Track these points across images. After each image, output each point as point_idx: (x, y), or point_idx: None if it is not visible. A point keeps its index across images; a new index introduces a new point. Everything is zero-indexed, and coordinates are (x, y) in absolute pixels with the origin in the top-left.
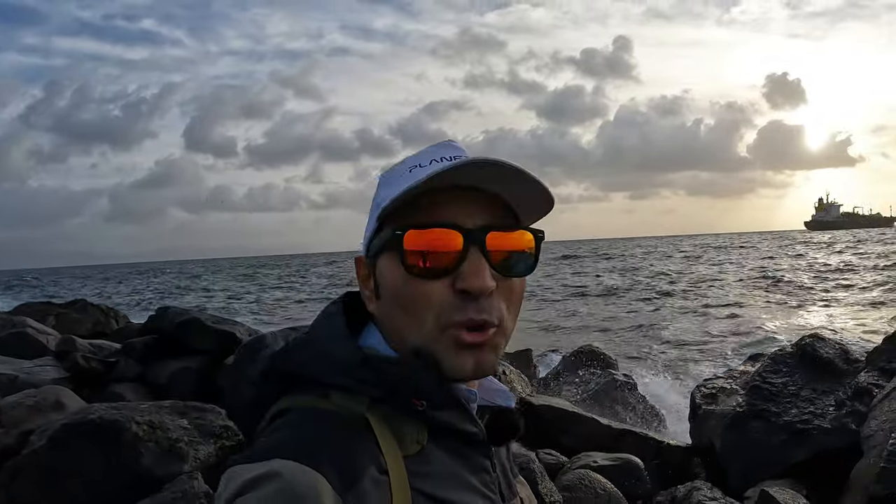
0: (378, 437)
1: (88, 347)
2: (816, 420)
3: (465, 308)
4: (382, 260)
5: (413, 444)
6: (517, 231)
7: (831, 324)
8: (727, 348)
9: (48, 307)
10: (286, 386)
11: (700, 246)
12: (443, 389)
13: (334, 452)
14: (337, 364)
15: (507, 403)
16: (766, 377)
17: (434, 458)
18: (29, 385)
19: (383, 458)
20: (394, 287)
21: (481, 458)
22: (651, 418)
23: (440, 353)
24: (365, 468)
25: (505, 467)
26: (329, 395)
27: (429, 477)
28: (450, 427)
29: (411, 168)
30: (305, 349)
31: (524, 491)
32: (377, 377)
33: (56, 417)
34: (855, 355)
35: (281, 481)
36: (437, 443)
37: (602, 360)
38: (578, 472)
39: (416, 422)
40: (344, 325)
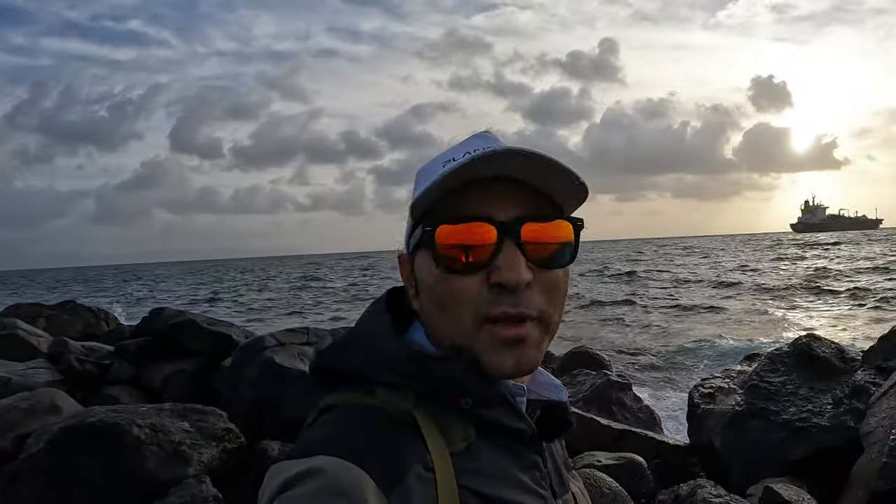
0: (424, 434)
1: (81, 349)
2: (815, 418)
3: (502, 302)
4: (419, 257)
5: (460, 442)
6: (554, 221)
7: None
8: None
9: (38, 308)
10: (333, 383)
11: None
12: (487, 387)
13: (379, 449)
14: (382, 360)
15: (558, 397)
16: (765, 376)
17: (482, 455)
18: (22, 388)
19: (429, 455)
20: (429, 284)
21: (531, 455)
22: (647, 418)
23: (479, 350)
24: (410, 465)
25: (557, 462)
26: (375, 391)
27: (477, 474)
28: (497, 424)
29: (445, 163)
30: (351, 345)
31: (577, 485)
32: (423, 374)
33: (52, 420)
34: (851, 354)
35: (324, 477)
36: (486, 439)
37: (596, 360)
38: (583, 472)
39: (463, 419)
40: (389, 322)
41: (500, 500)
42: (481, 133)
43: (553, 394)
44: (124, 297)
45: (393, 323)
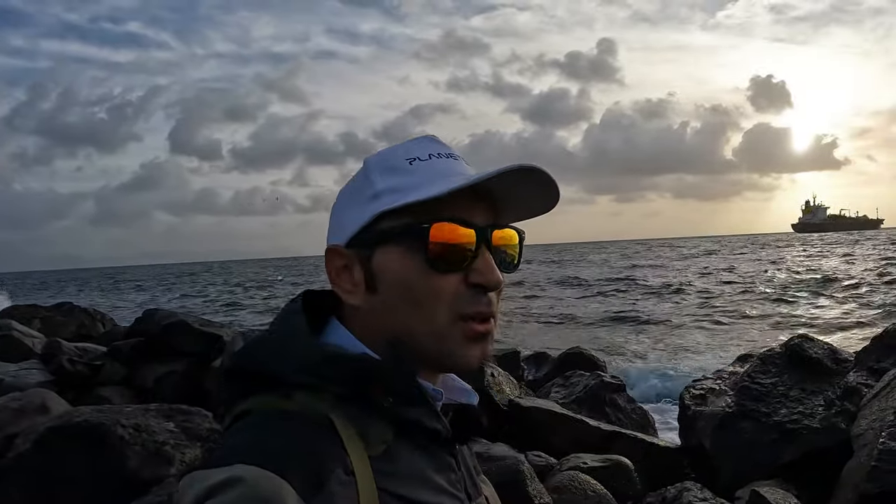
0: (343, 437)
1: (74, 350)
2: (806, 420)
3: (477, 301)
4: (387, 251)
5: (379, 444)
6: (508, 229)
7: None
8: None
9: (34, 310)
10: (249, 386)
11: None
12: (412, 384)
13: (298, 455)
14: (299, 362)
15: (469, 401)
16: (756, 377)
17: (400, 458)
18: (14, 388)
19: (349, 458)
20: (404, 279)
21: (447, 457)
22: (640, 419)
23: (450, 345)
24: (331, 470)
25: (469, 465)
26: (292, 394)
27: (395, 476)
28: (416, 424)
29: (410, 160)
30: (266, 348)
31: (488, 489)
32: (341, 374)
33: (41, 420)
34: (843, 355)
35: (243, 487)
36: (403, 441)
37: (590, 361)
38: (568, 474)
39: (382, 421)
40: (305, 323)
41: (419, 502)
42: (431, 136)
43: (464, 398)
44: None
45: (308, 324)
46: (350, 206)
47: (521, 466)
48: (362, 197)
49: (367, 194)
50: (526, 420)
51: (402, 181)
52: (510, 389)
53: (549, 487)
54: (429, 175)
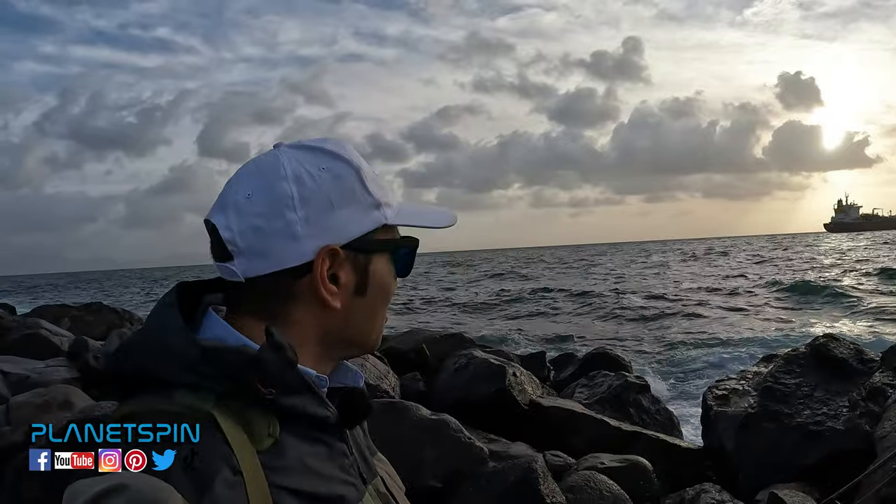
0: (227, 435)
1: (100, 348)
2: (829, 421)
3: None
4: (380, 260)
5: (266, 438)
6: None
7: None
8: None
9: (64, 310)
10: (127, 388)
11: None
12: (294, 372)
13: (182, 457)
14: (176, 360)
15: (356, 383)
16: (779, 378)
17: (289, 450)
18: (39, 385)
19: (235, 457)
20: (387, 285)
21: (337, 443)
22: (664, 420)
23: (379, 334)
24: (217, 471)
25: (361, 448)
26: (172, 394)
27: (286, 470)
28: (301, 413)
29: (374, 173)
30: (142, 346)
31: (385, 468)
32: (220, 370)
33: (64, 416)
34: (870, 355)
35: (128, 495)
36: (291, 433)
37: (615, 362)
38: (584, 474)
39: (267, 413)
40: (179, 317)
41: (313, 494)
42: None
43: (350, 380)
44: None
45: (185, 318)
46: (344, 207)
47: (535, 465)
48: (362, 202)
49: (369, 202)
50: (546, 419)
51: (388, 197)
52: (532, 389)
53: (564, 487)
54: (388, 194)
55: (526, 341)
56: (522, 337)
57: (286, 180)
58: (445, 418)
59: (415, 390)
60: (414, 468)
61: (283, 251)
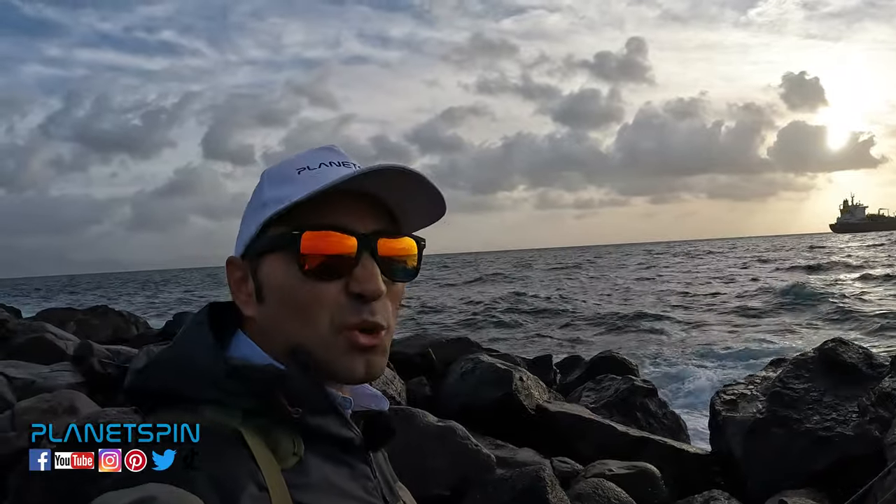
0: (254, 451)
1: (106, 353)
2: (839, 427)
3: (359, 310)
4: (270, 260)
5: (290, 456)
6: (403, 238)
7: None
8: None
9: (69, 313)
10: (153, 404)
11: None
12: (320, 393)
13: (209, 472)
14: (204, 377)
15: (380, 407)
16: (788, 383)
17: (313, 469)
18: (44, 390)
19: (261, 473)
20: (285, 287)
21: (361, 465)
22: (672, 424)
23: (333, 355)
24: (244, 487)
25: (384, 472)
26: (199, 410)
27: (310, 488)
28: (326, 434)
29: (299, 170)
30: (170, 363)
31: (406, 495)
32: (247, 388)
33: (69, 421)
34: (879, 360)
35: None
36: (315, 452)
37: (622, 365)
38: (592, 481)
39: (292, 432)
40: (209, 335)
41: None
42: (329, 146)
43: (375, 404)
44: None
45: (215, 337)
46: (247, 217)
47: (543, 473)
48: (254, 207)
49: (256, 205)
50: (553, 425)
51: (286, 191)
52: (539, 394)
53: (572, 495)
54: (310, 183)
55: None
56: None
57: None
58: (452, 425)
59: (421, 395)
60: (421, 476)
61: None
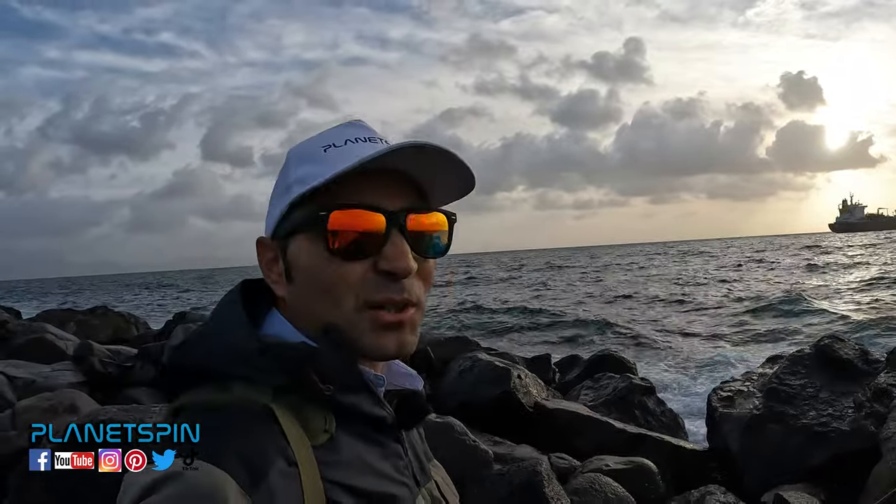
0: (284, 427)
1: (106, 352)
2: (835, 422)
3: (387, 288)
4: (297, 241)
5: (321, 433)
6: (433, 213)
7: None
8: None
9: (69, 314)
10: (187, 381)
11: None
12: (352, 371)
13: (238, 447)
14: (236, 354)
15: (414, 386)
16: (784, 379)
17: (344, 446)
18: (46, 389)
19: (291, 449)
20: (312, 268)
21: (392, 443)
22: (670, 422)
23: (360, 333)
24: (272, 462)
25: (417, 451)
26: (231, 387)
27: (340, 466)
28: (358, 412)
29: (325, 147)
30: (204, 341)
31: (439, 473)
32: (279, 365)
33: (70, 420)
34: (874, 356)
35: (183, 482)
36: (347, 430)
37: (620, 364)
38: (589, 476)
39: (324, 409)
40: (242, 313)
41: (365, 491)
42: (355, 121)
43: (409, 383)
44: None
45: (247, 314)
46: (274, 197)
47: (539, 468)
48: (281, 187)
49: (284, 184)
50: (551, 422)
51: (312, 169)
52: (537, 391)
53: (569, 490)
54: (337, 161)
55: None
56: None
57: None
58: (450, 421)
59: None
60: None
61: None
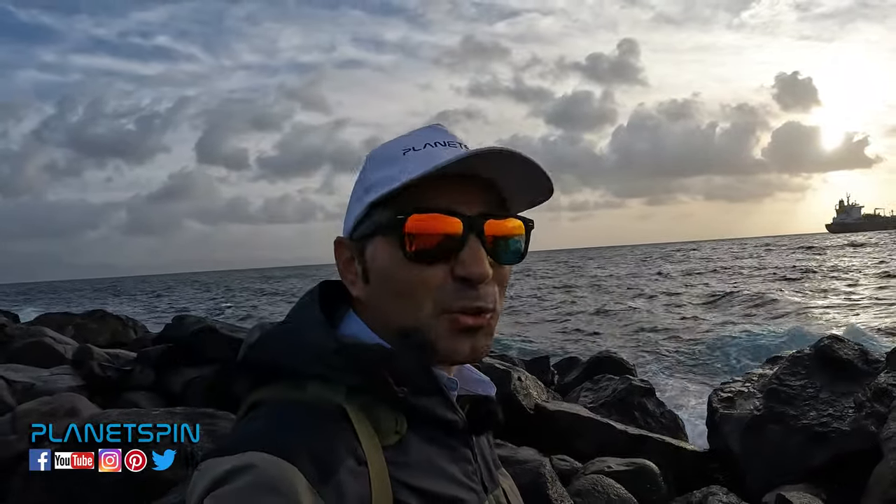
0: (356, 427)
1: (105, 356)
2: (835, 423)
3: (464, 294)
4: (375, 243)
5: (392, 434)
6: (510, 219)
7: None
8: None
9: (67, 318)
10: (262, 378)
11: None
12: (426, 373)
13: (309, 444)
14: (312, 353)
15: (487, 392)
16: (784, 380)
17: (414, 448)
18: (45, 393)
19: (361, 448)
20: (389, 271)
21: (462, 448)
22: (670, 423)
23: (437, 336)
24: (342, 459)
25: (486, 457)
26: (305, 385)
27: (409, 467)
28: (430, 415)
29: (405, 150)
30: (281, 339)
31: (507, 482)
32: (354, 365)
33: (70, 423)
34: (874, 356)
35: (255, 474)
36: (417, 432)
37: (619, 365)
38: (591, 478)
39: (395, 411)
40: (319, 313)
41: (433, 494)
42: (436, 125)
43: (481, 389)
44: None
45: (324, 314)
46: (353, 199)
47: (543, 470)
48: (360, 189)
49: (363, 186)
50: (552, 424)
51: (391, 172)
52: (537, 393)
53: (571, 491)
54: (416, 164)
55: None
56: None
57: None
58: None
59: None
60: None
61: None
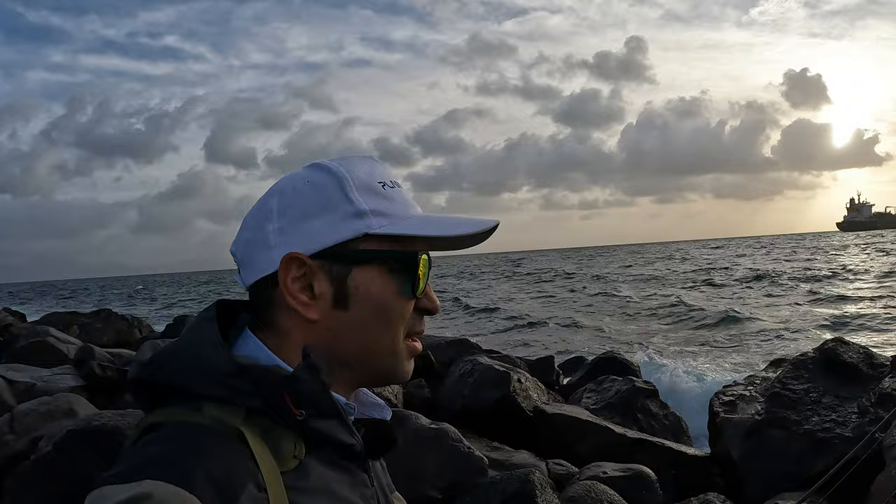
0: (254, 451)
1: (107, 356)
2: (838, 428)
3: (419, 322)
4: (367, 271)
5: (291, 459)
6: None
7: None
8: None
9: (73, 317)
10: (157, 398)
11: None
12: (327, 397)
13: (209, 470)
14: (210, 373)
15: (382, 416)
16: (787, 384)
17: (313, 473)
18: (45, 393)
19: (261, 474)
20: (383, 301)
21: (360, 472)
22: (673, 426)
23: (399, 360)
24: (243, 486)
25: (381, 481)
26: (202, 407)
27: (308, 492)
28: (328, 438)
29: (382, 184)
30: (176, 358)
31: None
32: (253, 387)
33: (67, 424)
34: (879, 360)
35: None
36: (315, 456)
37: (623, 366)
38: (585, 484)
39: (294, 434)
40: (217, 333)
41: None
42: (376, 159)
43: (377, 412)
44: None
45: (220, 334)
46: (318, 216)
47: (532, 476)
48: (338, 211)
49: (347, 210)
50: (551, 427)
51: (385, 206)
52: (537, 395)
53: (564, 497)
54: (402, 205)
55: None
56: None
57: (273, 195)
58: (445, 428)
59: (420, 397)
60: (413, 478)
61: (259, 260)
